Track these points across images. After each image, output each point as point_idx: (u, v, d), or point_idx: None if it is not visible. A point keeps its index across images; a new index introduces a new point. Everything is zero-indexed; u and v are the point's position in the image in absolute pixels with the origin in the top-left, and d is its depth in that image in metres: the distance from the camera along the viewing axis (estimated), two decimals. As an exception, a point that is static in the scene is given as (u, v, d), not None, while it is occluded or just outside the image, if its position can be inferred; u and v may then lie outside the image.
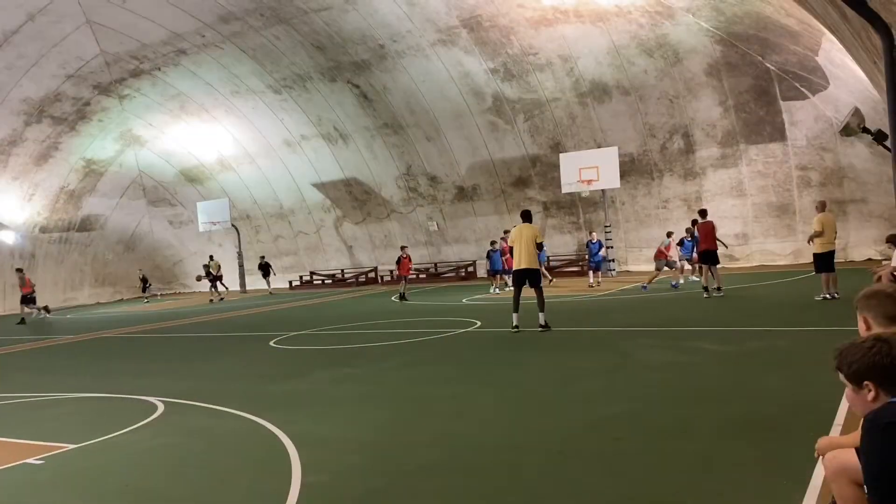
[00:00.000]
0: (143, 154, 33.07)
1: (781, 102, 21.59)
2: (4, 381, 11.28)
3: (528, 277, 12.17)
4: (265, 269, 31.24)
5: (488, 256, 22.67)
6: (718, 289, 15.57)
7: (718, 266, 15.94)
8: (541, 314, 12.10)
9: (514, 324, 12.17)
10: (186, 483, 5.41)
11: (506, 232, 23.65)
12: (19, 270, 26.82)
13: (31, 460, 6.23)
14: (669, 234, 19.31)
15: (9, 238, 30.74)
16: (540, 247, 12.20)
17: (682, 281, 19.07)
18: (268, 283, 31.05)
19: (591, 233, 22.31)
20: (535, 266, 12.23)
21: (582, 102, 24.40)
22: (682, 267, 19.33)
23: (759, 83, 21.57)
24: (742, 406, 6.31)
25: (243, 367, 11.02)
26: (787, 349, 8.93)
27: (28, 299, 25.66)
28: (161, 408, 8.13)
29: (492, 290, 21.89)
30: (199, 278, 31.89)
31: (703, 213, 16.67)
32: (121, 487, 5.40)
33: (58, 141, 29.77)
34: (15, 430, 7.50)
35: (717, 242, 15.96)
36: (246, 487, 5.16)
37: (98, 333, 18.53)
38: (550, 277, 23.90)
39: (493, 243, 22.66)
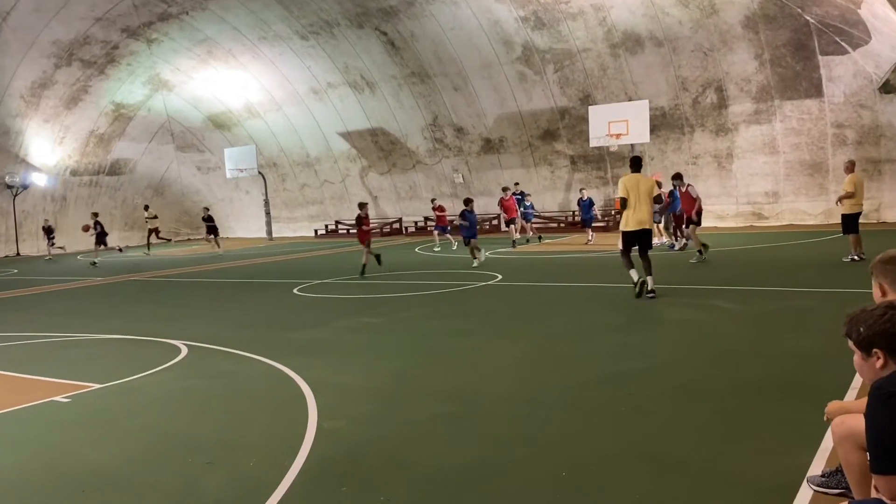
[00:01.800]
0: (172, 99, 33.14)
1: (820, 57, 20.94)
2: (35, 322, 11.60)
3: (642, 240, 10.27)
4: (209, 222, 26.73)
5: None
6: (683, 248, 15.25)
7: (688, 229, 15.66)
8: (650, 278, 10.26)
9: (634, 279, 10.28)
10: (207, 424, 5.57)
11: (504, 189, 22.81)
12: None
13: (58, 398, 6.45)
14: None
15: (41, 180, 31.21)
16: (658, 200, 10.44)
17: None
18: (215, 240, 26.51)
19: (581, 190, 21.61)
20: (651, 226, 10.48)
21: (614, 53, 23.87)
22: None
23: (797, 36, 20.91)
24: (758, 367, 6.29)
25: (266, 314, 11.20)
26: (808, 310, 8.85)
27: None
28: (185, 351, 8.32)
29: (436, 250, 21.22)
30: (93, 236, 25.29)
31: (679, 176, 16.21)
32: (144, 426, 5.57)
33: (87, 84, 29.93)
34: (44, 369, 7.74)
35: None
36: (263, 430, 5.30)
37: (126, 276, 18.89)
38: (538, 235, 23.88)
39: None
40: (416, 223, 31.17)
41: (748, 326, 8.04)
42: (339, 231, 33.37)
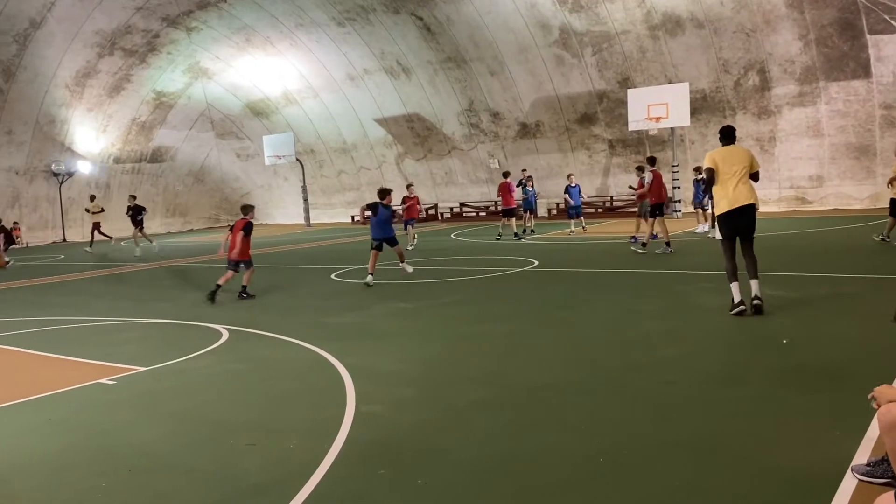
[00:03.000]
0: (211, 87, 33.57)
1: (868, 36, 20.32)
2: (82, 306, 11.90)
3: (745, 223, 7.85)
4: (136, 212, 22.55)
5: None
6: (644, 244, 14.36)
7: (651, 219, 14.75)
8: (754, 282, 7.84)
9: (735, 300, 7.74)
10: (247, 407, 5.66)
11: (505, 175, 20.62)
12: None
13: (104, 380, 6.61)
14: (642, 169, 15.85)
15: (86, 168, 31.93)
16: (756, 177, 7.95)
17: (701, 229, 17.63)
18: (141, 231, 22.65)
19: (569, 177, 20.40)
20: (755, 201, 7.86)
21: (653, 35, 23.47)
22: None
23: (844, 16, 20.29)
24: (802, 354, 6.16)
25: (305, 299, 11.33)
26: (854, 296, 8.63)
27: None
28: (226, 335, 8.45)
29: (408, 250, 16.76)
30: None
31: (652, 160, 15.39)
32: (186, 409, 5.69)
33: (129, 73, 30.46)
34: (90, 352, 7.94)
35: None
36: (303, 414, 5.37)
37: (169, 262, 19.25)
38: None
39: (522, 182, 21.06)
40: (451, 209, 31.19)
41: (792, 312, 7.87)
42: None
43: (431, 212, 31.81)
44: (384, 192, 12.86)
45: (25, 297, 13.64)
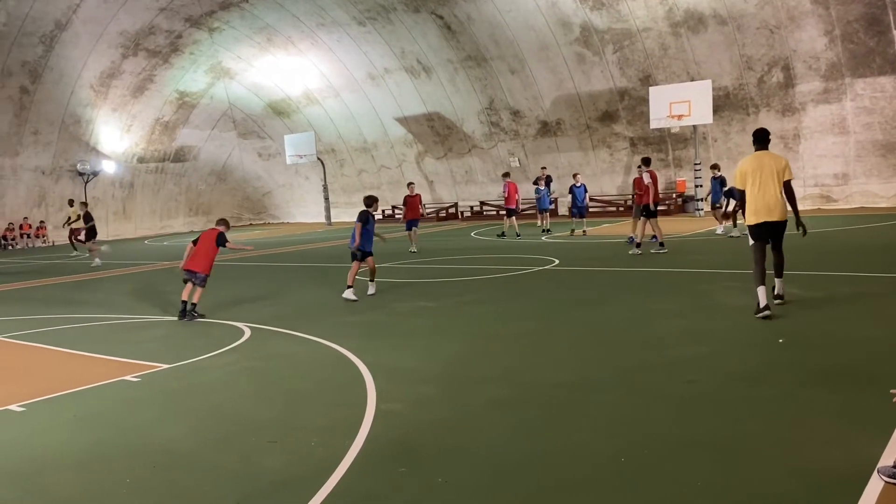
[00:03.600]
0: (233, 87, 33.82)
1: (895, 32, 19.99)
2: (106, 304, 12.05)
3: (776, 233, 7.87)
4: (90, 221, 20.49)
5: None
6: (661, 244, 14.14)
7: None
8: (778, 280, 8.20)
9: (760, 304, 7.57)
10: (269, 404, 5.70)
11: (505, 175, 21.09)
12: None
13: (128, 377, 6.70)
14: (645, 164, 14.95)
15: (110, 168, 32.30)
16: (788, 187, 7.81)
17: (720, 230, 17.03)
18: (91, 241, 20.49)
19: (575, 176, 19.73)
20: (786, 218, 7.82)
21: (675, 32, 23.28)
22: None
23: (870, 11, 20.00)
24: (826, 354, 6.09)
25: (325, 297, 11.37)
26: (879, 296, 8.51)
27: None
28: (248, 333, 8.52)
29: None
30: None
31: (647, 161, 14.89)
32: (208, 406, 5.74)
33: (152, 73, 30.77)
34: (115, 349, 8.04)
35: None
36: (324, 412, 5.40)
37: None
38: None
39: (536, 181, 21.24)
40: (471, 208, 31.18)
41: (815, 312, 7.78)
42: (396, 216, 33.61)
43: (451, 210, 31.83)
44: (371, 201, 11.20)
45: (51, 294, 13.86)
